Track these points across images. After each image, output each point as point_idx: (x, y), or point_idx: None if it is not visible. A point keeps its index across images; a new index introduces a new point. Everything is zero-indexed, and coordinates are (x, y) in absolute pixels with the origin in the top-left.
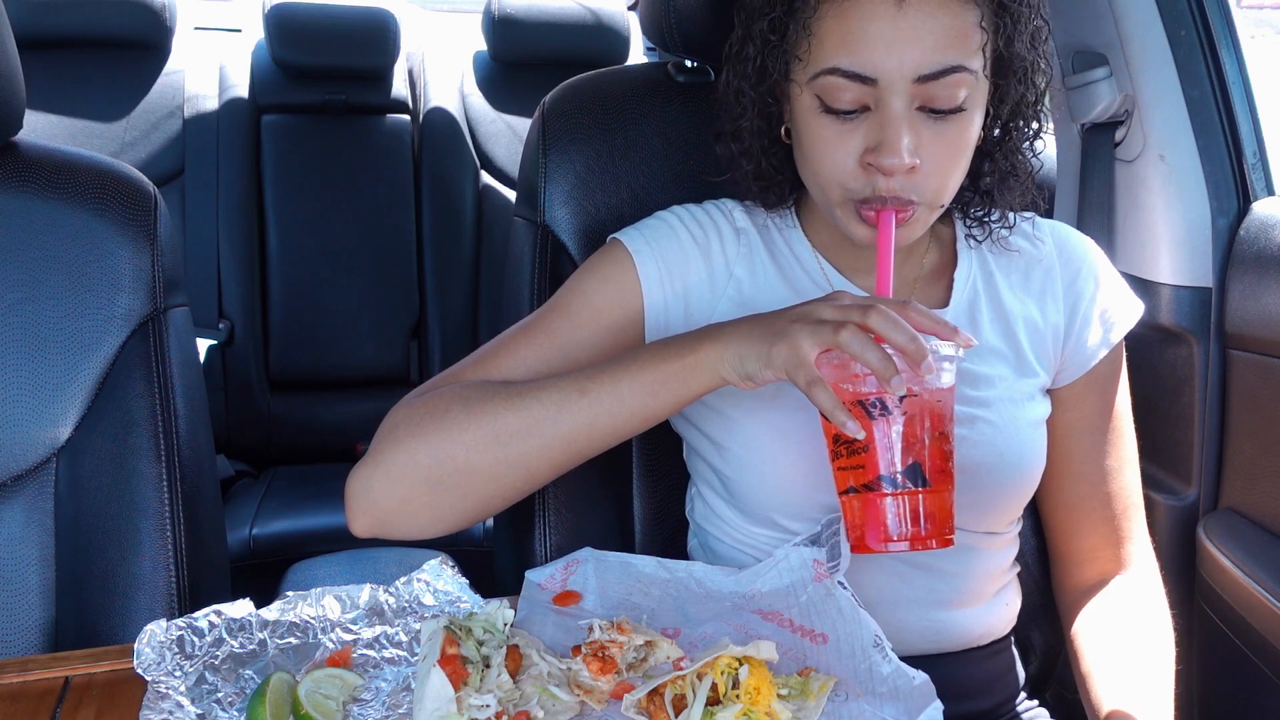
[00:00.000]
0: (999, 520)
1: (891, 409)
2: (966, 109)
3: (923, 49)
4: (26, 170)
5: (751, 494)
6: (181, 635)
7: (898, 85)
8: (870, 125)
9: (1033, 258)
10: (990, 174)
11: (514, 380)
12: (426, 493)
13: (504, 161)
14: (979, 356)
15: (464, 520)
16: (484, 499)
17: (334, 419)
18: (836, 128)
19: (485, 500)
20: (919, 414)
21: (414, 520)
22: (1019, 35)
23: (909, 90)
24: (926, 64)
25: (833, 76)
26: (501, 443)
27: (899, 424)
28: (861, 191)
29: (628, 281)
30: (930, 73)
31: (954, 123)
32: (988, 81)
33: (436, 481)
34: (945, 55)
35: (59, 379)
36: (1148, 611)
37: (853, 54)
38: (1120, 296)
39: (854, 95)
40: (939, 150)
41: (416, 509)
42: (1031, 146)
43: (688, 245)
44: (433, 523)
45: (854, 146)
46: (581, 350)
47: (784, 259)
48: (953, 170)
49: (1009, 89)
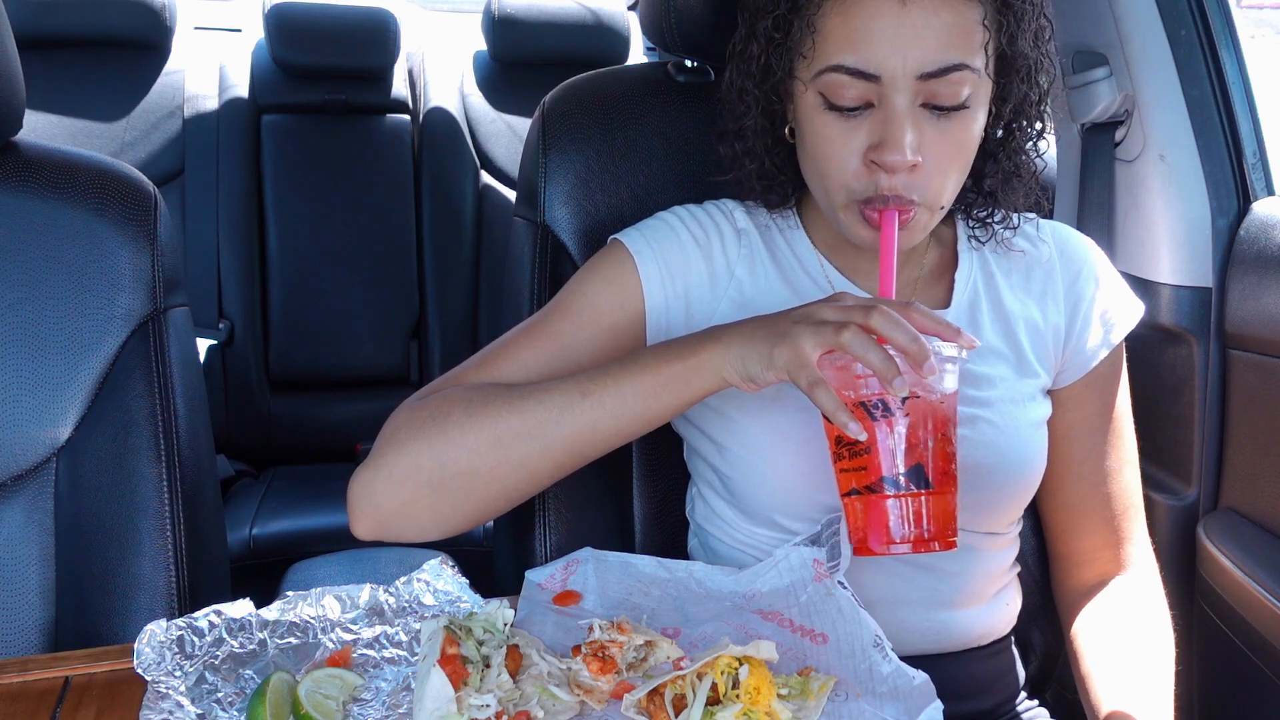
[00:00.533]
0: (1000, 521)
1: (894, 410)
2: (969, 107)
3: (926, 46)
4: (26, 170)
5: (752, 494)
6: (181, 635)
7: (901, 82)
8: (874, 123)
9: (1034, 259)
10: (994, 174)
11: (516, 383)
12: (429, 495)
13: (504, 161)
14: (980, 357)
15: (466, 522)
16: (486, 501)
17: (334, 419)
18: (840, 125)
19: (488, 503)
20: (922, 416)
21: (416, 523)
22: (1022, 34)
23: (912, 87)
24: (929, 61)
25: (836, 74)
26: (503, 445)
27: (901, 426)
28: (864, 191)
29: (629, 282)
30: (933, 70)
31: (957, 120)
32: (990, 80)
33: (439, 484)
34: (948, 53)
35: (59, 379)
36: (1148, 612)
37: (856, 51)
38: (1120, 297)
39: (857, 92)
40: (941, 148)
41: (419, 511)
42: (1035, 146)
43: (689, 246)
44: (435, 525)
45: (857, 144)
46: (583, 351)
47: (785, 260)
48: (954, 169)
49: (1012, 88)
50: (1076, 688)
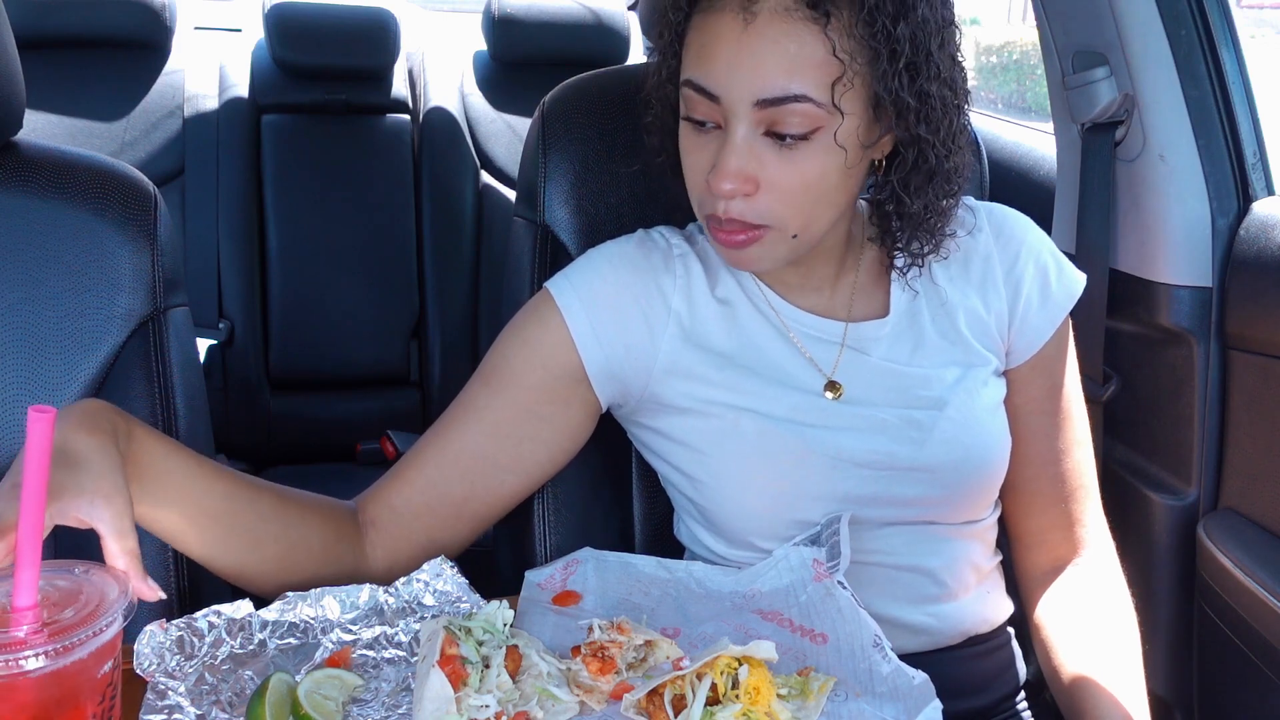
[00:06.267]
0: (976, 509)
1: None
2: (813, 140)
3: (763, 73)
4: (26, 170)
5: (728, 521)
6: (181, 635)
7: (738, 107)
8: (718, 144)
9: (971, 248)
10: (901, 215)
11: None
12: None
13: (504, 161)
14: (927, 359)
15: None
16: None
17: (334, 419)
18: (695, 139)
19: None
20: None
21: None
22: (894, 73)
23: (750, 114)
24: (766, 89)
25: (687, 89)
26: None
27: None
28: (711, 208)
29: (556, 340)
30: (769, 98)
31: (802, 151)
32: (841, 115)
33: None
34: (788, 82)
35: (59, 379)
36: (1108, 598)
37: (702, 69)
38: (1061, 275)
39: (706, 110)
40: (785, 178)
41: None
42: (943, 188)
43: (622, 294)
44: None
45: (704, 161)
46: (504, 415)
47: (722, 283)
48: (804, 200)
49: (884, 130)
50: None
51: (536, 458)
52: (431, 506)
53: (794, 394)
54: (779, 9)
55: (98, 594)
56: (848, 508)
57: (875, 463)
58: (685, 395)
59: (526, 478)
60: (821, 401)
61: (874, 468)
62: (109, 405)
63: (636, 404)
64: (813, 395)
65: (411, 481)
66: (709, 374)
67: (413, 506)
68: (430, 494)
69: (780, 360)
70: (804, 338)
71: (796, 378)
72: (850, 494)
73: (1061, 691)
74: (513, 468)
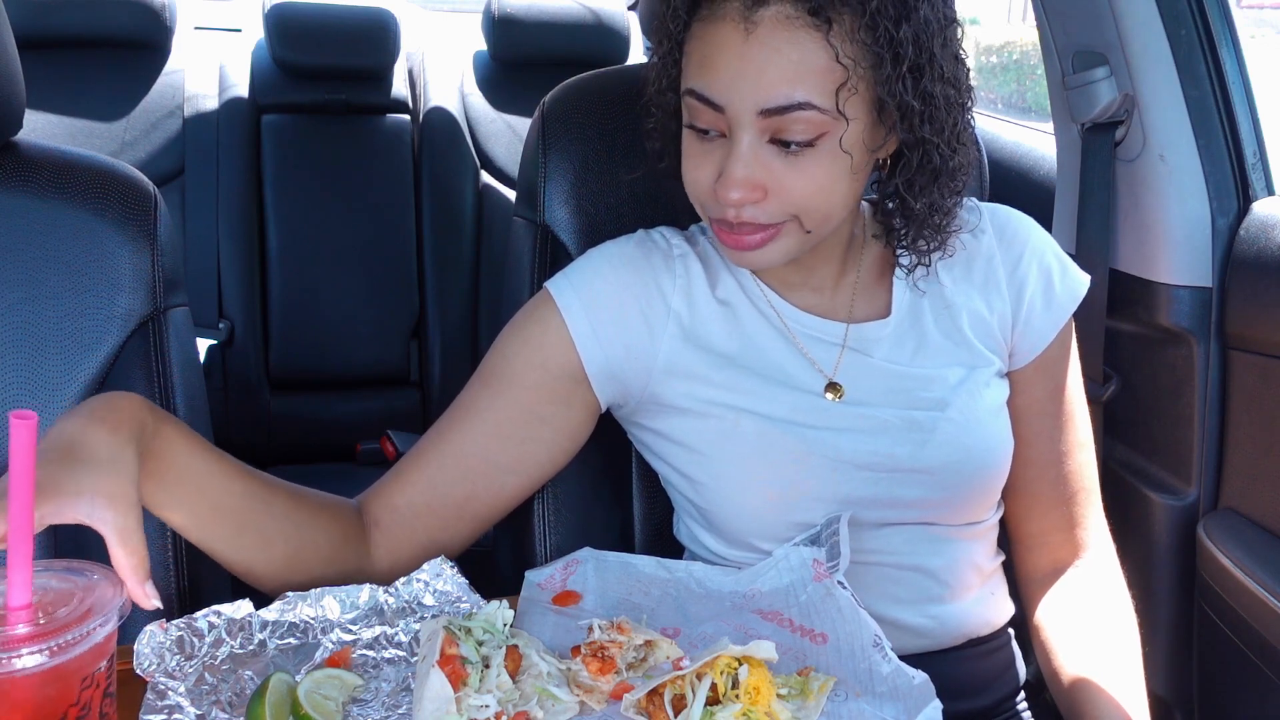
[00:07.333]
0: (977, 510)
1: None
2: (819, 146)
3: (767, 82)
4: (26, 170)
5: (727, 522)
6: (181, 635)
7: (743, 116)
8: (724, 152)
9: (974, 250)
10: (903, 223)
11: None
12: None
13: (504, 161)
14: (929, 359)
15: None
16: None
17: (334, 419)
18: (699, 146)
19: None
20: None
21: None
22: (897, 76)
23: (755, 122)
24: (770, 98)
25: (690, 98)
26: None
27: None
28: (718, 212)
29: (556, 340)
30: (773, 107)
31: (808, 157)
32: (852, 121)
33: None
34: (792, 90)
35: (58, 379)
36: (1109, 601)
37: (704, 79)
38: (1065, 276)
39: (709, 118)
40: (792, 184)
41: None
42: (949, 186)
43: (622, 294)
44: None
45: (711, 169)
46: (504, 415)
47: (723, 283)
48: (815, 200)
49: (888, 132)
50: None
51: (537, 458)
52: (433, 506)
53: (794, 395)
54: (780, 17)
55: (93, 593)
56: (848, 509)
57: (876, 464)
58: (685, 396)
59: (527, 478)
60: (822, 402)
61: (875, 469)
62: (142, 400)
63: (636, 404)
64: (813, 396)
65: (413, 481)
66: (709, 374)
67: (415, 506)
68: (432, 494)
69: (781, 361)
70: (805, 338)
71: (797, 378)
72: (851, 495)
73: (1061, 693)
74: (513, 468)
